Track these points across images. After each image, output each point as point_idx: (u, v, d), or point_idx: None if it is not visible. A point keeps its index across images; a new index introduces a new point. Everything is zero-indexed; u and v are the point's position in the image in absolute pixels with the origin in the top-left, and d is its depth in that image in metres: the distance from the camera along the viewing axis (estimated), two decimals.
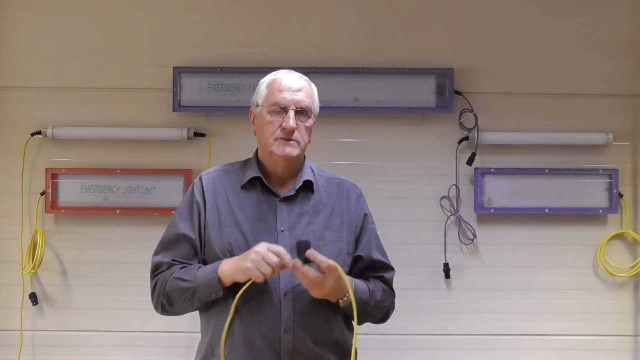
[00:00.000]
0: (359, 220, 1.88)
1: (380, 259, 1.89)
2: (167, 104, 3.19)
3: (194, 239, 1.80)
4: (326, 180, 1.90)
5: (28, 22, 3.23)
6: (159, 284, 1.78)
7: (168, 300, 1.76)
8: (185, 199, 1.86)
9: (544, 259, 3.21)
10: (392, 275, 1.92)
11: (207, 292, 1.71)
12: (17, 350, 3.14)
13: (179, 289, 1.73)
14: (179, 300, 1.75)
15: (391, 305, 1.90)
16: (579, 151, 3.22)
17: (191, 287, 1.71)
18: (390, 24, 3.25)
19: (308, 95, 1.81)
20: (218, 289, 1.70)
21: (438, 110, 3.19)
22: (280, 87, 1.78)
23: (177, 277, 1.74)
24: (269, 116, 1.78)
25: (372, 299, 1.80)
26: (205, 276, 1.71)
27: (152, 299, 1.82)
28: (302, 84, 1.81)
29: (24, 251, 3.16)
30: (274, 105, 1.77)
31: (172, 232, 1.82)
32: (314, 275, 1.63)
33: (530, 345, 3.19)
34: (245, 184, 1.83)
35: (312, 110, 1.81)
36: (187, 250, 1.80)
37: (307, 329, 1.73)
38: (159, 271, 1.80)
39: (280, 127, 1.76)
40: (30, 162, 3.19)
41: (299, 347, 1.71)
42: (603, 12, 3.26)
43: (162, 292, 1.76)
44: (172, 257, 1.79)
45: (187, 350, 3.10)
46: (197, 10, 3.24)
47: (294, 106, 1.77)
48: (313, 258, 1.63)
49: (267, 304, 1.71)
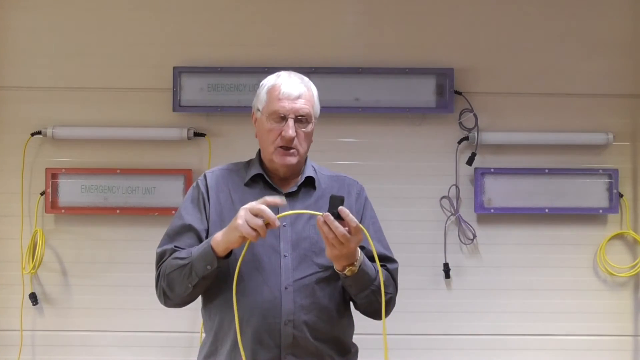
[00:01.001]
0: (359, 215, 1.88)
1: (381, 252, 1.88)
2: (167, 104, 3.19)
3: (200, 229, 1.80)
4: (328, 178, 1.92)
5: (28, 22, 3.23)
6: (161, 270, 1.77)
7: (168, 284, 1.74)
8: (190, 193, 1.87)
9: (544, 259, 3.21)
10: (394, 267, 1.90)
11: (203, 264, 1.68)
12: (17, 350, 3.14)
13: (177, 267, 1.72)
14: (177, 280, 1.72)
15: (394, 294, 1.87)
16: (579, 151, 3.22)
17: (188, 264, 1.70)
18: (390, 24, 3.25)
19: (308, 101, 1.81)
20: (212, 259, 1.67)
21: (438, 110, 3.19)
22: (279, 95, 1.78)
23: (175, 257, 1.74)
24: (268, 124, 1.79)
25: (377, 278, 1.75)
26: (199, 248, 1.70)
27: (156, 290, 1.80)
28: (301, 90, 1.80)
29: (24, 251, 3.16)
30: (273, 114, 1.78)
31: (177, 223, 1.82)
32: (343, 232, 1.58)
33: (530, 345, 3.19)
34: (248, 181, 1.85)
35: (312, 116, 1.82)
36: (192, 240, 1.79)
37: (307, 323, 1.73)
38: (163, 260, 1.79)
39: (280, 136, 1.77)
40: (30, 162, 3.19)
41: (300, 341, 1.72)
42: (603, 12, 3.26)
43: (163, 277, 1.75)
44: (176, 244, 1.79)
45: (187, 350, 3.10)
46: (197, 10, 3.24)
47: (293, 114, 1.77)
48: (345, 215, 1.59)
49: (268, 297, 1.71)
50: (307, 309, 1.73)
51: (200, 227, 1.80)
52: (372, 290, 1.76)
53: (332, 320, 1.77)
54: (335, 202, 1.60)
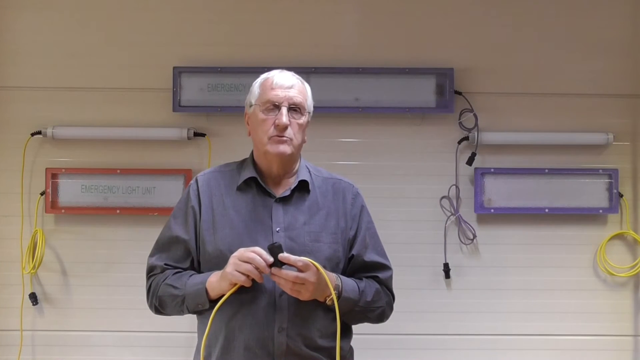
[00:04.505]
0: (354, 221, 1.86)
1: (374, 259, 1.87)
2: (167, 104, 3.19)
3: (188, 240, 1.81)
4: (322, 180, 1.89)
5: (28, 22, 3.23)
6: (152, 286, 1.81)
7: (160, 304, 1.80)
8: (181, 201, 1.87)
9: (544, 259, 3.21)
10: (387, 275, 1.88)
11: (194, 303, 1.74)
12: (17, 350, 3.14)
13: (169, 295, 1.76)
14: (169, 305, 1.78)
15: (386, 306, 1.87)
16: (579, 151, 3.22)
17: (180, 295, 1.74)
18: (391, 24, 3.25)
19: (300, 92, 1.81)
20: (205, 300, 1.72)
21: (438, 110, 3.19)
22: (272, 85, 1.80)
23: (168, 283, 1.77)
24: (262, 114, 1.79)
25: (361, 299, 1.78)
26: (194, 286, 1.73)
27: (146, 300, 1.85)
28: (294, 81, 1.82)
29: (24, 251, 3.16)
30: (266, 102, 1.78)
31: (166, 234, 1.85)
32: (293, 275, 1.62)
33: (530, 345, 3.19)
34: (241, 184, 1.83)
35: (305, 107, 1.82)
36: (181, 252, 1.82)
37: (301, 331, 1.72)
38: (153, 273, 1.83)
39: (274, 125, 1.76)
40: (30, 162, 3.19)
41: (293, 349, 1.71)
42: (603, 12, 3.26)
43: (155, 295, 1.80)
44: (165, 260, 1.82)
45: (186, 350, 3.08)
46: (197, 10, 3.24)
47: (286, 103, 1.77)
48: (286, 260, 1.62)
49: (263, 305, 1.71)
50: (301, 317, 1.72)
51: (187, 237, 1.81)
52: (358, 311, 1.79)
53: (327, 329, 1.75)
54: (274, 252, 1.62)
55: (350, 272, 1.85)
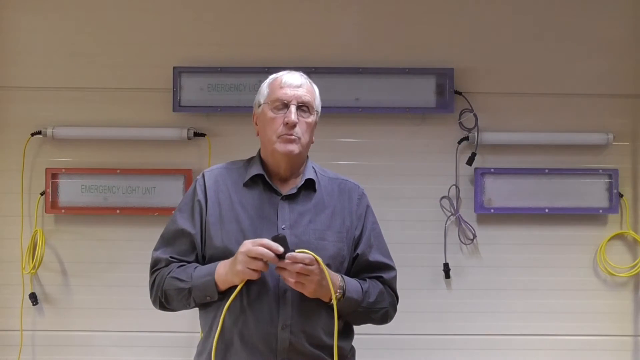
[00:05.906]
0: (360, 221, 1.88)
1: (379, 260, 1.88)
2: (167, 104, 3.19)
3: (194, 234, 1.80)
4: (328, 180, 1.91)
5: (28, 22, 3.23)
6: (157, 280, 1.80)
7: (165, 298, 1.79)
8: (187, 195, 1.87)
9: (544, 259, 3.21)
10: (391, 276, 1.89)
11: (203, 295, 1.73)
12: (17, 350, 3.14)
13: (175, 288, 1.75)
14: (175, 299, 1.77)
15: (390, 307, 1.88)
16: (579, 151, 3.22)
17: (187, 288, 1.73)
18: (391, 24, 3.25)
19: (309, 91, 1.83)
20: (214, 292, 1.72)
21: (438, 110, 3.19)
22: (281, 84, 1.81)
23: (174, 276, 1.76)
24: (271, 112, 1.80)
25: (364, 300, 1.78)
26: (201, 278, 1.72)
27: (150, 295, 1.83)
28: (302, 81, 1.84)
29: (24, 251, 3.16)
30: (275, 101, 1.80)
31: (172, 227, 1.84)
32: (300, 266, 1.62)
33: (530, 345, 3.19)
34: (248, 181, 1.84)
35: (313, 106, 1.83)
36: (186, 246, 1.81)
37: (304, 328, 1.73)
38: (157, 267, 1.82)
39: (283, 123, 1.77)
40: (30, 162, 3.19)
41: (296, 346, 1.72)
42: (603, 12, 3.26)
43: (159, 289, 1.78)
44: (170, 253, 1.81)
45: (187, 350, 3.08)
46: (197, 10, 3.24)
47: (295, 101, 1.79)
48: (293, 259, 1.63)
49: (266, 301, 1.72)
50: (304, 314, 1.73)
51: (193, 231, 1.81)
52: (361, 312, 1.79)
53: (330, 328, 1.75)
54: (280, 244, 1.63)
55: (355, 271, 1.86)
